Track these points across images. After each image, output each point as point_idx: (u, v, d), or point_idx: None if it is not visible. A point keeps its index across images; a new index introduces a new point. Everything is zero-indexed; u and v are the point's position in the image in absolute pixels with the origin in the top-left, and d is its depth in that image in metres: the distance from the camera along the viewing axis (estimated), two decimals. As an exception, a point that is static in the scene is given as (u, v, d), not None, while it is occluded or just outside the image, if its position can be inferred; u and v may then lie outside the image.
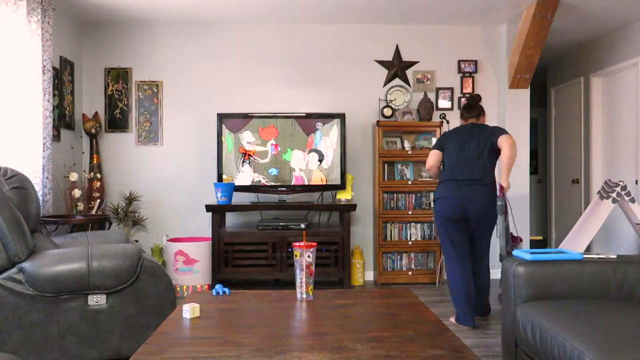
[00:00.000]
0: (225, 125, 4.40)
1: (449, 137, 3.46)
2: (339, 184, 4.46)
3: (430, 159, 3.49)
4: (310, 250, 2.03)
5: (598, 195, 4.01)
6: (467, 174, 3.29)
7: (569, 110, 5.87)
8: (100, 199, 4.45)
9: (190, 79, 4.78)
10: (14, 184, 2.78)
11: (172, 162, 4.77)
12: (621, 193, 3.83)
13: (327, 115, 4.45)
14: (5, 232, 2.40)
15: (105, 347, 2.47)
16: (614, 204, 3.86)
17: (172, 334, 1.66)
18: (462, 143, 3.37)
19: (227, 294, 2.20)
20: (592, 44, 5.33)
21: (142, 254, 2.62)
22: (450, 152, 3.40)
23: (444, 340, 1.57)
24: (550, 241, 6.31)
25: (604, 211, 3.90)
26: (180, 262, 4.16)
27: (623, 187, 3.84)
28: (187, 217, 4.76)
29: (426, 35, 4.86)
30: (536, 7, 4.10)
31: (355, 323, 1.79)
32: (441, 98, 4.85)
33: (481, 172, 3.29)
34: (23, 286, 2.38)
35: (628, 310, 1.95)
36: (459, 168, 3.32)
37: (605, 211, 3.89)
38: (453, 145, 3.40)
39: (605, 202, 3.89)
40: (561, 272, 2.22)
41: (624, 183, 3.86)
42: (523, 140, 4.75)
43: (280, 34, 4.80)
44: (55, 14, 4.17)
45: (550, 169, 6.37)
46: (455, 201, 3.26)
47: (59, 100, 4.23)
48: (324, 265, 4.17)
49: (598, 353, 1.56)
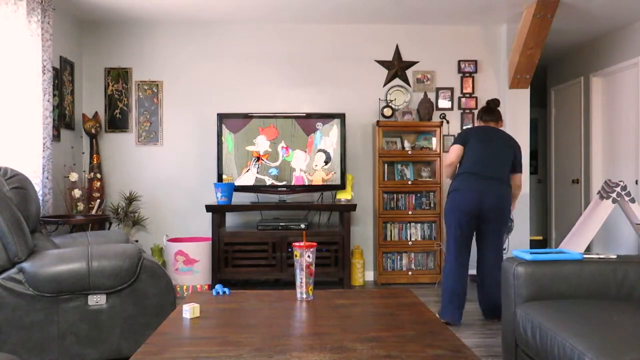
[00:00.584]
0: (225, 125, 4.40)
1: (473, 134, 3.47)
2: (339, 184, 4.46)
3: (452, 154, 3.46)
4: (310, 250, 2.03)
5: (598, 195, 4.01)
6: (489, 170, 3.34)
7: (569, 110, 5.87)
8: (100, 199, 4.45)
9: (190, 79, 4.78)
10: (14, 184, 2.78)
11: (172, 162, 4.77)
12: (621, 193, 3.83)
13: (327, 115, 4.45)
14: (5, 232, 2.40)
15: (105, 347, 2.47)
16: (614, 204, 3.86)
17: (172, 334, 1.66)
18: (485, 141, 3.41)
19: (227, 294, 2.20)
20: (592, 44, 5.33)
21: (142, 254, 2.62)
22: (474, 148, 3.41)
23: (444, 340, 1.57)
24: (550, 241, 6.31)
25: (604, 211, 3.90)
26: (180, 262, 4.16)
27: (623, 187, 3.85)
28: (187, 217, 4.76)
29: (426, 35, 4.86)
30: (536, 7, 4.10)
31: (355, 323, 1.79)
32: (441, 98, 4.85)
33: (502, 171, 3.37)
34: (23, 286, 2.38)
35: (628, 310, 1.95)
36: (481, 164, 3.36)
37: (605, 211, 3.89)
38: (476, 142, 3.41)
39: (605, 202, 3.89)
40: (561, 272, 2.22)
41: (624, 183, 3.86)
42: (523, 140, 4.75)
43: (280, 34, 4.80)
44: (55, 14, 4.17)
45: (550, 169, 6.37)
46: (472, 195, 3.29)
47: (59, 100, 4.23)
48: (324, 265, 4.17)
49: (598, 353, 1.56)
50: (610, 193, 3.86)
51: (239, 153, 4.41)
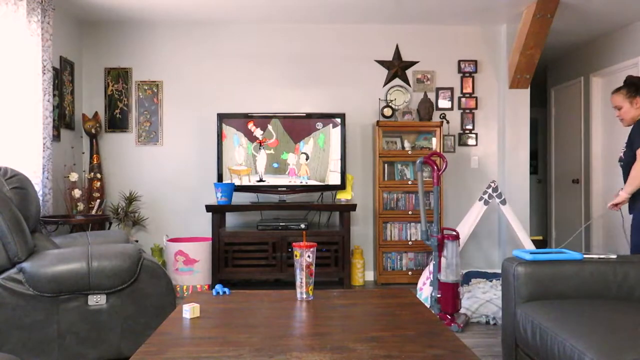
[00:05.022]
0: (225, 125, 4.40)
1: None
2: (339, 184, 4.46)
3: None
4: (310, 250, 2.03)
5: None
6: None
7: (569, 110, 5.87)
8: (100, 199, 4.45)
9: (190, 79, 4.78)
10: (14, 184, 2.78)
11: (172, 162, 4.77)
12: (492, 195, 3.83)
13: (327, 115, 4.45)
14: (5, 232, 2.40)
15: (105, 347, 2.47)
16: (485, 205, 3.86)
17: (172, 334, 1.66)
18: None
19: (227, 294, 2.19)
20: (592, 44, 5.33)
21: (142, 254, 2.62)
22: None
23: (444, 340, 1.57)
24: (550, 241, 6.31)
25: (476, 212, 3.88)
26: (180, 262, 4.16)
27: (494, 189, 3.83)
28: (187, 217, 4.76)
29: (426, 35, 4.86)
30: (536, 7, 4.10)
31: (355, 323, 1.79)
32: (441, 98, 4.85)
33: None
34: (23, 286, 2.38)
35: (628, 310, 1.95)
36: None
37: (478, 212, 3.87)
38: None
39: (477, 204, 3.89)
40: (561, 272, 2.22)
41: (495, 184, 3.83)
42: (523, 140, 4.76)
43: (280, 34, 4.80)
44: (55, 14, 4.16)
45: (550, 169, 6.36)
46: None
47: (59, 100, 4.23)
48: (324, 265, 4.17)
49: (598, 353, 1.56)
50: (482, 194, 3.86)
51: (248, 144, 4.42)
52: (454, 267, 3.26)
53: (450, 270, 3.26)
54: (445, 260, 3.28)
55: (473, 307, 3.48)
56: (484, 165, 4.87)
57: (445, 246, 3.29)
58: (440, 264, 3.31)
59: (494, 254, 4.91)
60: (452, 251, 3.28)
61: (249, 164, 4.43)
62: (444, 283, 3.28)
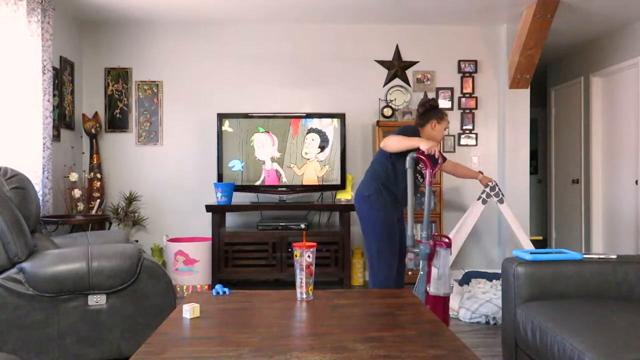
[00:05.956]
0: (225, 125, 4.41)
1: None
2: (339, 184, 4.46)
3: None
4: (310, 250, 2.03)
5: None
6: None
7: (569, 110, 5.87)
8: (100, 199, 4.45)
9: (190, 79, 4.78)
10: (14, 184, 2.78)
11: (172, 162, 4.77)
12: (490, 194, 3.82)
13: (327, 115, 4.45)
14: (5, 232, 2.39)
15: (105, 347, 2.47)
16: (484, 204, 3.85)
17: (172, 334, 1.66)
18: None
19: (227, 294, 2.19)
20: (592, 44, 5.33)
21: (142, 254, 2.62)
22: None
23: (444, 340, 1.57)
24: (550, 241, 6.31)
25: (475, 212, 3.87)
26: (180, 262, 4.16)
27: (492, 188, 3.80)
28: (187, 217, 4.76)
29: (426, 35, 4.85)
30: (536, 7, 4.10)
31: (355, 323, 1.79)
32: (441, 98, 4.85)
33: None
34: (23, 286, 2.38)
35: (628, 310, 1.95)
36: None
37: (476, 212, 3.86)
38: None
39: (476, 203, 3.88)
40: (561, 272, 2.22)
41: (493, 183, 3.81)
42: (523, 140, 4.76)
43: (281, 34, 4.80)
44: (55, 14, 4.16)
45: (550, 169, 6.36)
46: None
47: (59, 100, 4.23)
48: (324, 265, 4.17)
49: (598, 353, 1.56)
50: (480, 194, 3.85)
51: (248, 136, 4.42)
52: (446, 278, 2.77)
53: (442, 282, 2.76)
54: (437, 271, 2.77)
55: (473, 307, 3.48)
56: (484, 165, 4.87)
57: (437, 255, 2.77)
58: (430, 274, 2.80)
59: (494, 254, 4.91)
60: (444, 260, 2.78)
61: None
62: (433, 296, 2.76)
